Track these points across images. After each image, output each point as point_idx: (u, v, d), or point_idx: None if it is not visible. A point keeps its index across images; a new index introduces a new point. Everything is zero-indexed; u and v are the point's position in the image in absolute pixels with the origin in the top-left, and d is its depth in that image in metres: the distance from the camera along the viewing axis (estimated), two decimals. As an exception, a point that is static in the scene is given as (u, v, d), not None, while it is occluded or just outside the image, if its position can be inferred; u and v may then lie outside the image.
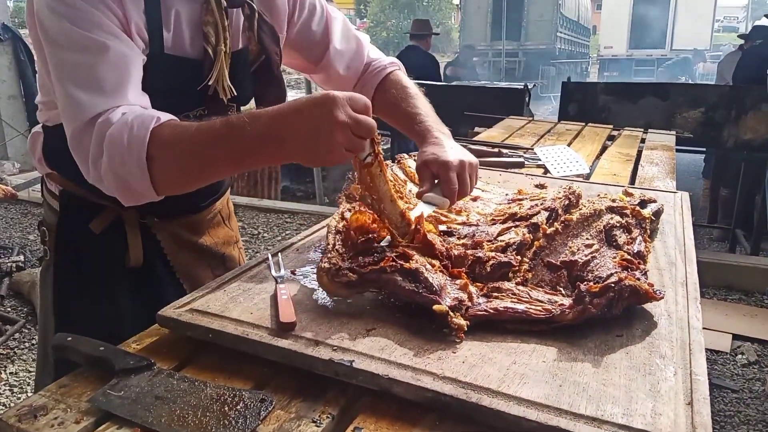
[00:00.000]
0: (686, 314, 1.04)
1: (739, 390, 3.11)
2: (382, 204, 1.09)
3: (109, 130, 1.00)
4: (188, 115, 1.23)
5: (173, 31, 1.16)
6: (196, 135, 1.00)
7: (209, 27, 1.19)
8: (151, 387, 0.86)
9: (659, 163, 2.35)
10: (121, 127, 0.99)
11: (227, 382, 0.89)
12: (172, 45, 1.17)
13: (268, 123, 0.97)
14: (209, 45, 1.19)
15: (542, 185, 1.77)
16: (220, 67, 1.20)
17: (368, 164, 1.04)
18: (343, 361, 0.87)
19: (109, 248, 1.31)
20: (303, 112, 0.95)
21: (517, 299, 1.00)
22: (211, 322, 0.96)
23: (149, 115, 1.02)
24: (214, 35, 1.19)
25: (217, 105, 1.23)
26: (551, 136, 2.88)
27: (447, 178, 1.21)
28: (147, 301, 1.18)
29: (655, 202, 1.44)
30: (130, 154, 0.99)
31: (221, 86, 1.22)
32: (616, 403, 0.80)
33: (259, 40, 1.28)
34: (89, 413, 0.82)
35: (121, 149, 0.99)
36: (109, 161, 1.01)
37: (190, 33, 1.19)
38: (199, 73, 1.20)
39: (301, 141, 0.95)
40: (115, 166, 1.01)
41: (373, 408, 0.84)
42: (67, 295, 1.33)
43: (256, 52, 1.30)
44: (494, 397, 0.80)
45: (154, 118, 1.01)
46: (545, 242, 1.16)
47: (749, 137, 4.46)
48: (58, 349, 0.95)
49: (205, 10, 1.19)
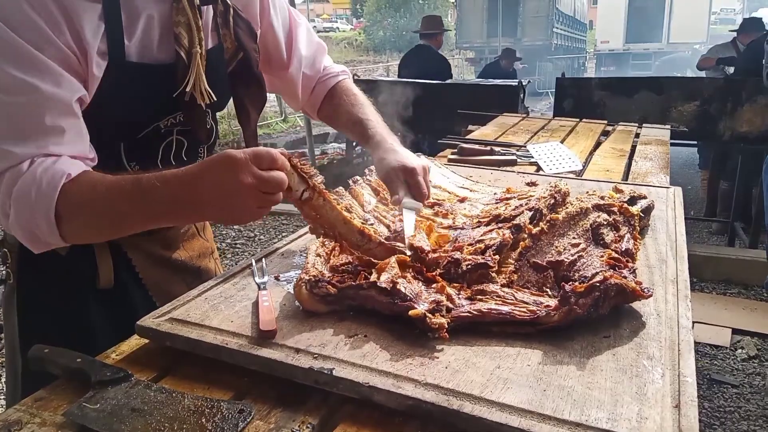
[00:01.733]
0: (676, 313, 1.02)
1: (739, 385, 3.09)
2: (336, 230, 1.07)
3: (17, 185, 0.95)
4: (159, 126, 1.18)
5: (140, 36, 1.09)
6: (107, 195, 0.96)
7: (181, 28, 1.11)
8: (127, 399, 0.84)
9: (653, 158, 2.33)
10: (30, 183, 0.95)
11: (206, 392, 0.87)
12: (138, 52, 1.09)
13: (177, 188, 0.93)
14: (181, 48, 1.12)
15: (533, 183, 1.75)
16: (196, 71, 1.14)
17: (307, 199, 1.01)
18: (323, 369, 0.85)
19: (76, 269, 1.23)
20: (208, 179, 0.91)
21: (501, 301, 0.98)
22: (191, 331, 0.95)
23: (59, 170, 0.96)
24: (187, 36, 1.12)
25: (195, 110, 1.17)
26: (545, 133, 2.86)
27: (417, 183, 1.26)
28: (119, 323, 1.13)
29: (646, 198, 1.42)
30: (38, 211, 0.95)
31: (198, 91, 1.15)
32: (601, 408, 0.78)
33: (235, 36, 1.21)
34: (64, 427, 0.81)
35: (29, 205, 0.95)
36: (17, 216, 0.97)
37: (159, 37, 1.12)
38: (171, 78, 1.13)
39: (213, 205, 0.93)
40: (22, 221, 0.97)
41: (355, 416, 0.82)
42: (33, 320, 1.25)
43: (233, 50, 1.22)
44: (476, 403, 0.78)
45: (65, 174, 0.95)
46: (531, 242, 1.14)
47: (745, 130, 4.44)
48: (36, 361, 0.93)
49: (175, 10, 1.11)
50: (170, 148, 1.22)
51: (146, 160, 1.18)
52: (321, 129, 9.68)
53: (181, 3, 1.10)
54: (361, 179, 1.48)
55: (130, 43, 1.07)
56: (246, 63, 1.24)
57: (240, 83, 1.26)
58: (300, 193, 0.99)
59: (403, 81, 6.23)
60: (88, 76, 1.03)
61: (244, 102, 1.28)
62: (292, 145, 9.12)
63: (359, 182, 1.46)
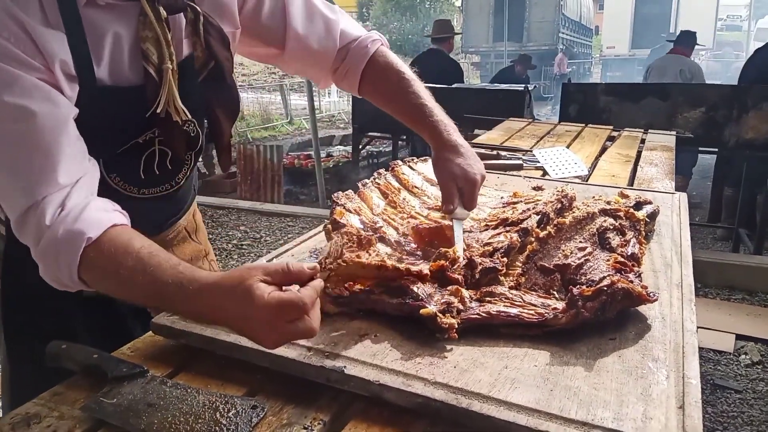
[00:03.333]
0: (680, 316, 1.04)
1: (742, 390, 3.09)
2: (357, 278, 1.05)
3: (40, 243, 0.93)
4: (138, 141, 1.13)
5: (109, 58, 1.03)
6: (128, 280, 0.89)
7: (149, 43, 1.04)
8: (143, 394, 0.86)
9: (658, 164, 2.35)
10: (52, 244, 0.92)
11: (220, 389, 0.89)
12: (109, 74, 1.04)
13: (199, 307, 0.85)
14: (150, 65, 1.05)
15: (540, 187, 1.77)
16: (168, 89, 1.07)
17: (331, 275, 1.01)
18: (334, 367, 0.87)
19: None
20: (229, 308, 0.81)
21: (510, 303, 1.00)
22: (205, 329, 0.97)
23: (78, 233, 0.91)
24: (156, 53, 1.05)
25: (171, 126, 1.12)
26: (551, 138, 2.88)
27: (473, 196, 1.23)
28: (107, 331, 1.11)
29: (651, 203, 1.44)
30: (62, 274, 0.93)
31: (173, 108, 1.09)
32: (607, 408, 0.79)
33: (206, 45, 1.13)
34: (82, 421, 0.83)
35: (53, 266, 0.94)
36: (45, 270, 0.95)
37: (129, 56, 1.05)
38: (142, 97, 1.07)
39: (239, 330, 0.84)
40: (50, 275, 0.96)
41: (365, 414, 0.84)
42: (18, 329, 1.23)
43: (203, 60, 1.15)
44: (485, 402, 0.80)
45: (84, 239, 0.90)
46: (538, 246, 1.16)
47: (751, 136, 4.44)
48: (52, 357, 0.95)
49: (141, 25, 1.04)
50: (153, 158, 1.17)
51: (127, 172, 1.15)
52: (326, 131, 9.72)
53: (148, 17, 1.04)
54: (370, 182, 1.49)
55: (100, 67, 1.02)
56: (218, 72, 1.17)
57: (212, 93, 1.19)
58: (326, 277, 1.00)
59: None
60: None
61: (216, 113, 1.21)
62: (298, 147, 9.16)
63: (368, 185, 1.48)
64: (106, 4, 1.01)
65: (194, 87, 1.16)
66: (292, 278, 0.82)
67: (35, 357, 0.98)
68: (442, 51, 6.56)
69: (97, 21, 1.01)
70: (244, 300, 0.79)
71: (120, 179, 1.15)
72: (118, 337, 1.06)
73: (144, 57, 1.05)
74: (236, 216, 5.91)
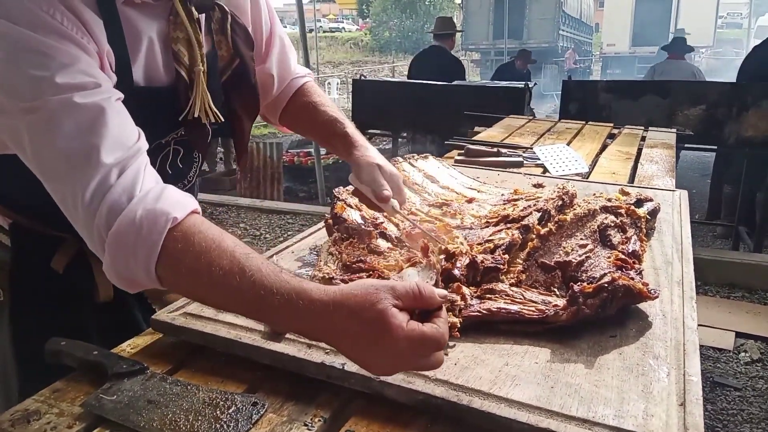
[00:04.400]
0: (681, 314, 1.04)
1: (742, 388, 3.09)
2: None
3: (114, 226, 0.80)
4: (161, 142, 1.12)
5: (145, 59, 1.02)
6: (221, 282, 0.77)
7: (180, 44, 1.04)
8: (143, 391, 0.86)
9: (659, 162, 2.35)
10: (128, 227, 0.80)
11: (220, 385, 0.89)
12: (144, 75, 1.03)
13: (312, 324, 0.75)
14: (182, 66, 1.04)
15: (540, 185, 1.76)
16: (201, 91, 1.07)
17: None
18: (334, 363, 0.87)
19: (73, 284, 1.16)
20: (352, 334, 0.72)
21: (510, 300, 1.00)
22: (205, 325, 0.97)
23: (162, 213, 0.80)
24: (187, 53, 1.05)
25: (199, 128, 1.12)
26: (551, 135, 2.88)
27: (400, 188, 1.22)
28: (118, 335, 1.09)
29: (652, 200, 1.44)
30: (138, 263, 0.80)
31: (204, 111, 1.08)
32: (608, 405, 0.79)
33: (233, 44, 1.13)
34: (82, 418, 0.82)
35: (126, 254, 0.81)
36: (112, 261, 0.82)
37: (158, 56, 1.04)
38: (174, 98, 1.06)
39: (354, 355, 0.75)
40: (119, 267, 0.82)
41: (365, 411, 0.84)
42: (28, 339, 1.17)
43: (228, 58, 1.14)
44: (485, 399, 0.80)
45: (169, 220, 0.80)
46: (539, 243, 1.16)
47: (751, 134, 4.43)
48: (52, 354, 0.95)
49: (173, 25, 1.03)
50: (167, 158, 1.17)
51: None
52: (326, 129, 9.67)
53: (179, 17, 1.03)
54: None
55: (135, 66, 1.01)
56: (242, 70, 1.16)
57: (234, 91, 1.18)
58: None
59: (410, 82, 6.25)
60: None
61: (237, 111, 1.20)
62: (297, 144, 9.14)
63: None
64: (141, 2, 0.99)
65: (216, 86, 1.14)
66: (424, 304, 0.74)
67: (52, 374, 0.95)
68: (444, 48, 6.55)
69: (133, 20, 0.99)
70: (378, 327, 0.70)
71: None
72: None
73: (175, 58, 1.04)
74: (236, 213, 5.91)
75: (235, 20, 1.13)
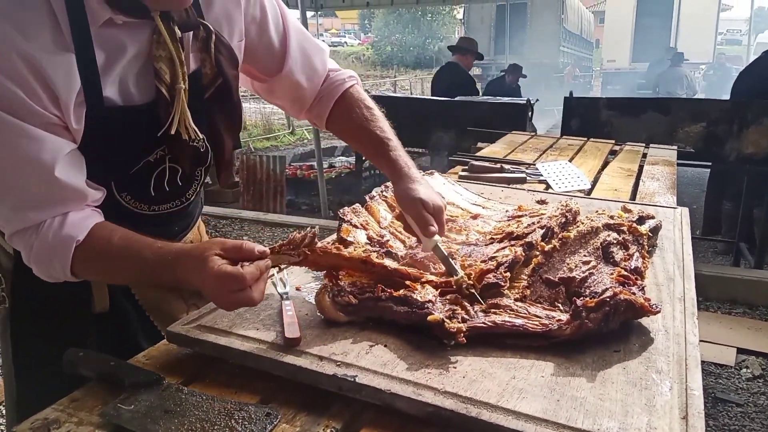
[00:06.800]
0: (683, 329, 1.06)
1: (743, 404, 3.10)
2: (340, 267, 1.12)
3: (32, 249, 1.04)
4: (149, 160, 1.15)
5: (121, 77, 1.05)
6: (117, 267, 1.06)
7: (162, 63, 1.05)
8: (160, 401, 0.88)
9: (660, 178, 2.38)
10: (45, 247, 1.03)
11: (234, 396, 0.92)
12: (119, 93, 1.05)
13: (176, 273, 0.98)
14: (162, 84, 1.06)
15: (543, 201, 1.79)
16: (180, 109, 1.09)
17: (303, 260, 1.09)
18: (346, 376, 0.89)
19: (71, 293, 1.19)
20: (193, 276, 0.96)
21: (515, 314, 1.02)
22: (219, 338, 0.99)
23: (67, 236, 1.02)
24: (169, 71, 1.06)
25: (180, 144, 1.13)
26: (553, 152, 2.91)
27: (442, 221, 1.25)
28: (115, 345, 1.14)
29: (654, 218, 1.46)
30: (56, 271, 1.05)
31: (183, 128, 1.11)
32: (613, 417, 0.82)
33: (216, 63, 1.14)
34: (100, 427, 0.85)
35: (46, 266, 1.05)
36: (38, 270, 1.07)
37: (137, 75, 1.07)
38: (153, 116, 1.08)
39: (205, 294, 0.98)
40: (44, 275, 1.07)
41: (376, 422, 0.86)
42: (28, 346, 1.25)
43: (212, 76, 1.15)
44: (493, 411, 0.82)
45: (73, 241, 1.02)
46: (543, 259, 1.19)
47: (751, 151, 4.47)
48: (70, 364, 0.97)
49: (156, 43, 1.05)
50: (163, 176, 1.19)
51: (138, 190, 1.17)
52: (329, 142, 9.75)
53: (162, 36, 1.04)
54: (377, 195, 1.51)
55: (108, 87, 1.04)
56: (225, 89, 1.18)
57: (216, 110, 1.20)
58: (297, 261, 1.09)
59: (413, 97, 6.33)
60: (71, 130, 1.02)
61: (220, 129, 1.22)
62: (300, 158, 9.18)
63: (375, 198, 1.50)
64: (123, 23, 1.02)
65: (200, 104, 1.16)
66: (244, 255, 0.95)
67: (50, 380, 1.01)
68: (458, 65, 6.81)
69: (113, 40, 1.02)
70: (201, 268, 0.93)
71: (131, 197, 1.17)
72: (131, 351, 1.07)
73: (156, 76, 1.06)
74: (239, 226, 5.94)
75: (219, 39, 1.15)
